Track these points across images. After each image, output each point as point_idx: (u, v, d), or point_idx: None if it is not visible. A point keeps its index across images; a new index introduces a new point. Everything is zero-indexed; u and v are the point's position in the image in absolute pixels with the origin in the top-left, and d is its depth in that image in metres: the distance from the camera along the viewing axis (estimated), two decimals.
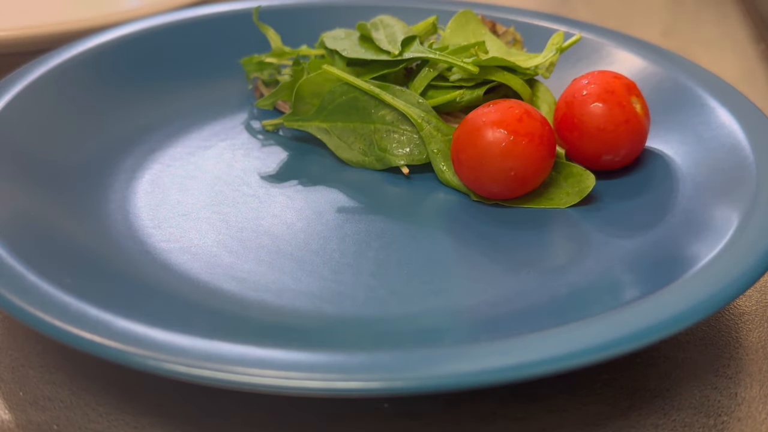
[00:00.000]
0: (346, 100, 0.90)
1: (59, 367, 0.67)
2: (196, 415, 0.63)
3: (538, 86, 0.93)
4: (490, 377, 0.55)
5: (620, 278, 0.70)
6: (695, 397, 0.65)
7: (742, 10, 1.54)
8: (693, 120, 0.88)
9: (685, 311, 0.60)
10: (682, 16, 1.55)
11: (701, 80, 0.92)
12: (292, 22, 1.09)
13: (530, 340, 0.58)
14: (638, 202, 0.82)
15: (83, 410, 0.63)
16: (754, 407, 0.65)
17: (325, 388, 0.55)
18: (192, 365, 0.55)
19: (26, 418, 0.63)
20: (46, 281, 0.63)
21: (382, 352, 0.57)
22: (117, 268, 0.72)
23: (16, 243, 0.68)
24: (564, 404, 0.64)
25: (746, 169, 0.77)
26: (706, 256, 0.66)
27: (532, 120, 0.81)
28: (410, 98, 0.89)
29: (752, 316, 0.74)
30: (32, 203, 0.77)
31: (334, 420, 0.63)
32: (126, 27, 1.06)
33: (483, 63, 0.89)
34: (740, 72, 1.29)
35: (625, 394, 0.65)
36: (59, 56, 0.97)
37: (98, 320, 0.59)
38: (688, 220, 0.75)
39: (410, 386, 0.55)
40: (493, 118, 0.82)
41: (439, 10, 1.07)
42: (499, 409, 0.64)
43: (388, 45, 0.92)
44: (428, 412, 0.63)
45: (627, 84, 0.85)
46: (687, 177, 0.81)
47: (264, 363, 0.55)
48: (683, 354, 0.69)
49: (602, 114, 0.83)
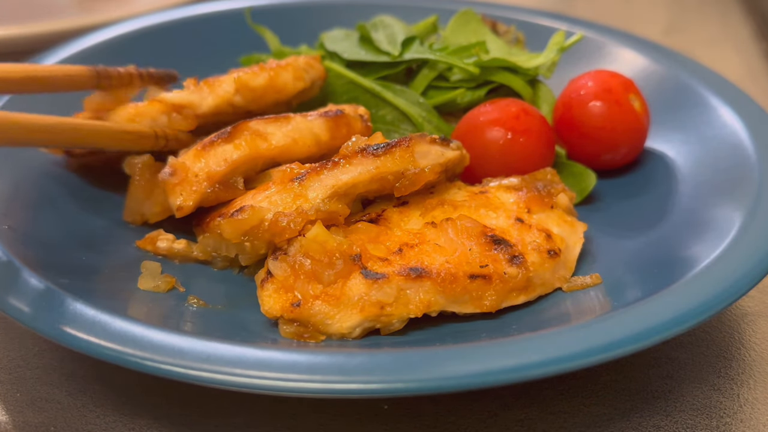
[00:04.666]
0: (347, 100, 0.90)
1: (56, 368, 0.67)
2: (194, 417, 0.62)
3: (539, 86, 0.92)
4: (490, 378, 0.55)
5: (622, 278, 0.70)
6: (697, 399, 0.65)
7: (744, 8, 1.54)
8: (695, 119, 0.88)
9: (687, 312, 0.59)
10: (684, 15, 1.54)
11: (703, 79, 0.92)
12: (292, 21, 1.09)
13: (531, 342, 0.57)
14: (639, 202, 0.81)
15: (80, 411, 0.63)
16: (757, 409, 0.64)
17: (324, 389, 0.54)
18: (190, 366, 0.55)
19: (23, 419, 0.62)
20: (43, 282, 0.63)
21: (381, 353, 0.57)
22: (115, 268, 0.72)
23: (13, 243, 0.68)
24: (565, 406, 0.64)
25: (749, 168, 0.76)
26: (708, 256, 0.66)
27: (529, 118, 0.81)
28: (411, 98, 0.89)
29: (755, 317, 0.74)
30: (31, 203, 0.77)
31: (333, 420, 0.62)
32: (125, 25, 1.05)
33: (484, 63, 0.89)
34: (743, 70, 1.29)
35: (627, 395, 0.65)
36: (56, 55, 0.96)
37: (95, 321, 0.58)
38: (690, 220, 0.74)
39: (410, 387, 0.54)
40: (491, 116, 0.81)
41: (439, 9, 1.07)
42: (500, 410, 0.63)
43: (387, 46, 0.92)
44: (428, 413, 0.63)
45: (624, 82, 0.85)
46: (689, 176, 0.81)
47: (263, 364, 0.55)
48: (685, 355, 0.69)
49: (600, 113, 0.83)
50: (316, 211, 0.68)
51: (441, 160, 0.74)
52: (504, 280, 0.66)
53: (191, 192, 0.72)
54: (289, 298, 0.64)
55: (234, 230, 0.68)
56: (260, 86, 0.82)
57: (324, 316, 0.63)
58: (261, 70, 0.83)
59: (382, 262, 0.66)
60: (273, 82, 0.83)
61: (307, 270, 0.64)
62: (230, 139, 0.75)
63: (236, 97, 0.81)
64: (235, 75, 0.82)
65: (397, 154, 0.71)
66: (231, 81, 0.81)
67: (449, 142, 0.76)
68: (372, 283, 0.63)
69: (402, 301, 0.64)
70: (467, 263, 0.66)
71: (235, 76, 0.82)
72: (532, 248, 0.69)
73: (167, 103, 0.79)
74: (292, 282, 0.64)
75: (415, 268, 0.64)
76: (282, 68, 0.84)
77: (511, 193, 0.74)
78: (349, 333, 0.64)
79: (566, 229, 0.73)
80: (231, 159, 0.74)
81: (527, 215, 0.72)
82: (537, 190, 0.74)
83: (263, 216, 0.67)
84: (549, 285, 0.69)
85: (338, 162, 0.71)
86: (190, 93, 0.80)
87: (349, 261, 0.64)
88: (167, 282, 0.70)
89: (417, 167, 0.72)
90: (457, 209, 0.72)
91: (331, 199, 0.69)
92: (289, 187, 0.70)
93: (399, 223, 0.70)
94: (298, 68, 0.85)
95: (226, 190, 0.73)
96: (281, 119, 0.78)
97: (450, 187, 0.76)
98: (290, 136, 0.77)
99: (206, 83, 0.81)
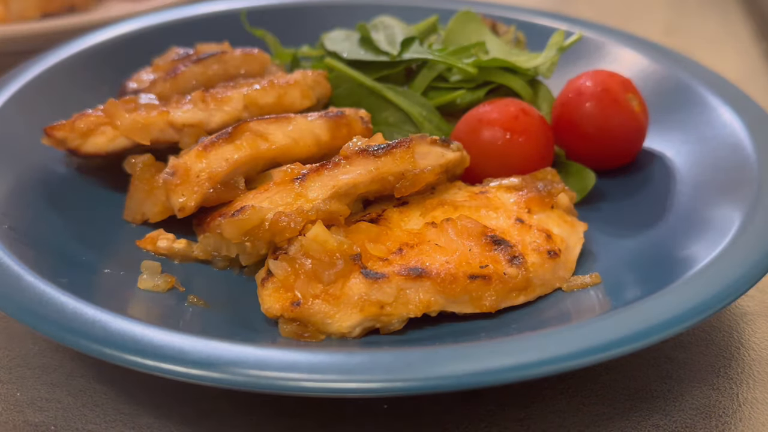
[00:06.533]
0: (350, 103, 0.90)
1: (57, 368, 0.67)
2: (194, 416, 0.63)
3: (538, 86, 0.92)
4: (490, 378, 0.55)
5: (621, 278, 0.70)
6: (696, 398, 0.65)
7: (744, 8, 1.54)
8: (695, 119, 0.88)
9: (686, 312, 0.59)
10: (684, 14, 1.54)
11: (703, 78, 0.92)
12: (293, 22, 1.09)
13: (530, 341, 0.57)
14: (639, 202, 0.81)
15: (80, 411, 0.63)
16: (756, 408, 0.64)
17: (324, 388, 0.54)
18: (190, 366, 0.55)
19: (23, 418, 0.62)
20: (43, 281, 0.63)
21: (381, 353, 0.57)
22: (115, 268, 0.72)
23: (13, 243, 0.68)
24: (564, 405, 0.64)
25: (748, 168, 0.76)
26: (707, 255, 0.66)
27: (528, 118, 0.81)
28: (412, 98, 0.89)
29: (754, 317, 0.74)
30: (31, 203, 0.77)
31: (333, 420, 0.62)
32: (124, 25, 1.05)
33: (483, 64, 0.89)
34: (742, 70, 1.29)
35: (626, 395, 0.65)
36: (57, 55, 0.97)
37: (95, 321, 0.58)
38: (689, 220, 0.74)
39: (410, 387, 0.54)
40: (490, 116, 0.81)
41: (439, 9, 1.07)
42: (499, 410, 0.63)
43: (387, 46, 0.92)
44: (428, 413, 0.63)
45: (622, 82, 0.85)
46: (688, 176, 0.81)
47: (263, 363, 0.55)
48: (684, 355, 0.69)
49: (598, 112, 0.83)
50: (317, 211, 0.68)
51: (441, 161, 0.74)
52: (504, 280, 0.66)
53: (193, 192, 0.72)
54: (290, 297, 0.64)
55: (235, 230, 0.68)
56: (268, 104, 0.82)
57: (324, 315, 0.63)
58: (270, 88, 0.83)
59: (382, 262, 0.66)
60: (281, 100, 0.83)
61: (308, 269, 0.64)
62: (231, 139, 0.75)
63: (244, 113, 0.81)
64: (245, 91, 0.82)
65: (397, 155, 0.71)
66: (240, 98, 0.82)
67: (450, 143, 0.76)
68: (372, 282, 0.64)
69: (402, 301, 0.64)
70: (467, 263, 0.66)
71: (244, 92, 0.82)
72: (532, 249, 0.69)
73: (177, 123, 0.79)
74: (292, 281, 0.65)
75: (415, 268, 0.64)
76: (291, 86, 0.84)
77: (512, 193, 0.75)
78: (349, 332, 0.64)
79: (566, 229, 0.73)
80: (232, 159, 0.74)
81: (527, 215, 0.72)
82: (537, 190, 0.74)
83: (264, 216, 0.67)
84: (549, 285, 0.69)
85: (339, 162, 0.71)
86: (198, 111, 0.80)
87: (349, 261, 0.65)
88: (167, 281, 0.70)
89: (417, 168, 0.72)
90: (457, 209, 0.72)
91: (332, 199, 0.69)
92: (290, 187, 0.70)
93: (399, 223, 0.70)
94: (306, 86, 0.86)
95: (227, 191, 0.73)
96: (282, 119, 0.78)
97: (450, 187, 0.76)
98: (291, 137, 0.77)
99: (214, 99, 0.81)
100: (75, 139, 0.79)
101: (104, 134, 0.79)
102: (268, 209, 0.68)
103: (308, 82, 0.86)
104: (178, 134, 0.79)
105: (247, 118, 0.79)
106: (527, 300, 0.68)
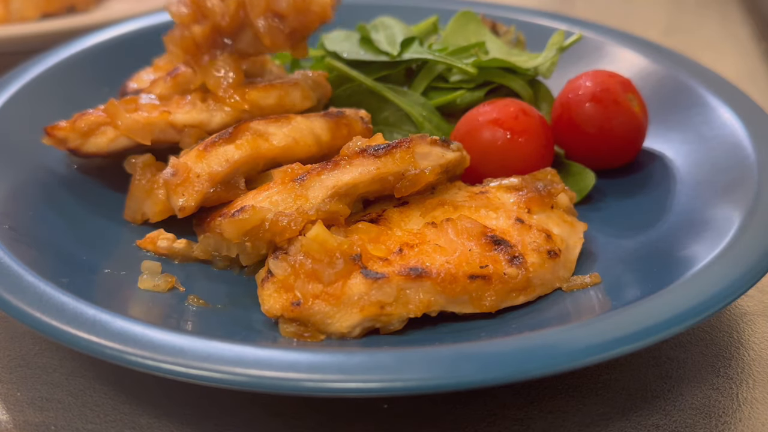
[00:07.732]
0: (350, 104, 0.90)
1: (57, 368, 0.67)
2: (194, 416, 0.63)
3: (538, 86, 0.92)
4: (490, 377, 0.55)
5: (621, 278, 0.70)
6: (696, 398, 0.65)
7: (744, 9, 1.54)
8: (694, 119, 0.88)
9: (685, 311, 0.59)
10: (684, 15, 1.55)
11: (703, 79, 0.92)
12: None
13: (530, 341, 0.57)
14: (638, 202, 0.81)
15: (81, 410, 0.63)
16: (756, 408, 0.64)
17: (324, 388, 0.54)
18: (190, 366, 0.55)
19: (24, 418, 0.62)
20: (43, 281, 0.63)
21: (381, 353, 0.57)
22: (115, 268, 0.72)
23: (13, 243, 0.68)
24: (564, 405, 0.64)
25: (748, 168, 0.76)
26: (707, 255, 0.66)
27: (528, 118, 0.81)
28: (412, 98, 0.89)
29: (754, 317, 0.74)
30: (31, 203, 0.77)
31: (333, 420, 0.62)
32: (124, 25, 1.05)
33: (483, 64, 0.89)
34: (742, 71, 1.29)
35: (626, 394, 0.65)
36: (57, 55, 0.97)
37: (96, 320, 0.59)
38: (689, 220, 0.74)
39: (410, 387, 0.54)
40: (490, 116, 0.81)
41: (439, 9, 1.07)
42: (499, 409, 0.63)
43: (387, 46, 0.92)
44: (428, 412, 0.63)
45: (622, 82, 0.85)
46: (688, 176, 0.81)
47: (263, 363, 0.55)
48: (684, 354, 0.69)
49: (598, 112, 0.83)
50: (317, 211, 0.68)
51: (441, 161, 0.74)
52: (504, 280, 0.66)
53: (193, 192, 0.72)
54: (290, 297, 0.64)
55: (235, 230, 0.68)
56: (269, 105, 0.82)
57: (324, 315, 0.63)
58: (271, 88, 0.83)
59: (382, 262, 0.66)
60: (282, 101, 0.83)
61: (308, 269, 0.64)
62: (231, 139, 0.75)
63: (245, 114, 0.81)
64: (246, 92, 0.82)
65: (397, 155, 0.71)
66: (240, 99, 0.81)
67: (450, 144, 0.76)
68: (372, 282, 0.64)
69: (402, 301, 0.64)
70: (467, 263, 0.66)
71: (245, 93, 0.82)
72: (532, 249, 0.69)
73: (177, 123, 0.79)
74: (292, 281, 0.65)
75: (415, 268, 0.65)
76: (291, 86, 0.84)
77: (512, 194, 0.75)
78: (349, 332, 0.64)
79: (566, 230, 0.73)
80: (232, 159, 0.74)
81: (527, 215, 0.72)
82: (537, 190, 0.74)
83: (264, 216, 0.68)
84: (549, 285, 0.69)
85: (339, 162, 0.71)
86: (199, 112, 0.80)
87: (349, 261, 0.65)
88: (167, 281, 0.70)
89: (417, 168, 0.72)
90: (457, 209, 0.72)
91: (332, 200, 0.69)
92: (290, 187, 0.70)
93: (399, 223, 0.71)
94: (306, 88, 0.85)
95: (227, 191, 0.74)
96: (282, 119, 0.78)
97: (450, 187, 0.76)
98: (291, 137, 0.77)
99: (214, 98, 0.81)
100: (76, 139, 0.79)
101: (105, 134, 0.79)
102: (268, 209, 0.68)
103: (308, 82, 0.86)
104: (178, 134, 0.79)
105: (248, 119, 0.80)
106: (527, 300, 0.68)
